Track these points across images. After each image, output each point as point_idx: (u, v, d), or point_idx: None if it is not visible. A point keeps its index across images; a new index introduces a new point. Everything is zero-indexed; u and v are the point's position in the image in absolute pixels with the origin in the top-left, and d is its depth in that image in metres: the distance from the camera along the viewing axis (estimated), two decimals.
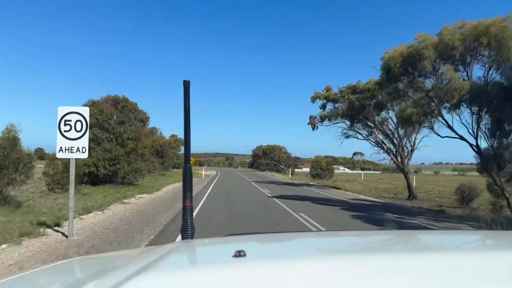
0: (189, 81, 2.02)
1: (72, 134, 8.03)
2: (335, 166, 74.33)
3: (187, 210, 1.91)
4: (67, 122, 8.02)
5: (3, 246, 6.88)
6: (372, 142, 28.97)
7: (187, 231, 1.87)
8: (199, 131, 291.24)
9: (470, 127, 15.79)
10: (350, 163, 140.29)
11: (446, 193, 26.54)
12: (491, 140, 14.89)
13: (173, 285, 0.88)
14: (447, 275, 0.92)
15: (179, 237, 2.01)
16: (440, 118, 17.31)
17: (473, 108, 15.50)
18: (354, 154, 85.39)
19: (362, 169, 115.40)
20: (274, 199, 19.12)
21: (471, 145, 15.81)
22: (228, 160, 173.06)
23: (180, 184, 3.11)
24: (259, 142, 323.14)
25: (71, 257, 3.44)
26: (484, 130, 15.25)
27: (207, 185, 27.79)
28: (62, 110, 8.07)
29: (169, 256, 1.24)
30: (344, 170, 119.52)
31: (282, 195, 21.87)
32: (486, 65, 15.16)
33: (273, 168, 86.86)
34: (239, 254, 1.02)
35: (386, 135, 28.04)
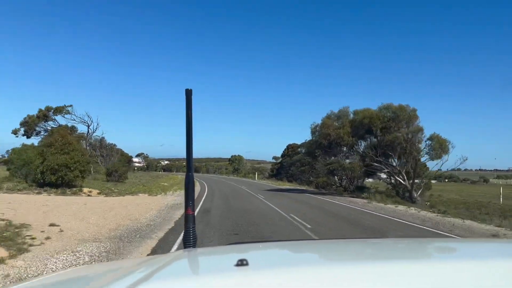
0: (191, 90, 2.00)
1: None
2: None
3: (189, 219, 1.88)
4: None
5: None
6: None
7: (189, 239, 1.84)
8: (202, 135, 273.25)
9: None
10: None
11: None
12: None
13: None
14: (447, 282, 0.93)
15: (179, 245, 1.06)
16: None
17: None
18: None
19: None
20: None
21: None
22: (233, 163, 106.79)
23: None
24: (259, 147, 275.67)
25: None
26: None
27: None
28: None
29: (171, 265, 1.25)
30: None
31: None
32: None
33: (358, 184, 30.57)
34: (242, 263, 1.03)
35: None
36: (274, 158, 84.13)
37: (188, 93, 2.00)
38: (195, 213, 2.83)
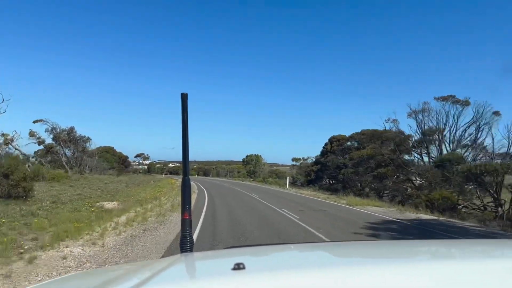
0: (186, 94, 2.04)
1: None
2: None
3: (186, 223, 1.89)
4: None
5: None
6: None
7: (186, 244, 1.85)
8: (211, 137, 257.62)
9: None
10: None
11: None
12: None
13: None
14: (443, 282, 0.94)
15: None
16: None
17: None
18: None
19: None
20: None
21: None
22: (247, 165, 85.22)
23: None
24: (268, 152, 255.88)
25: None
26: None
27: None
28: None
29: (167, 269, 1.25)
30: None
31: None
32: None
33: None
34: (238, 266, 1.03)
35: None
36: (294, 159, 69.61)
37: (184, 97, 2.06)
38: None
